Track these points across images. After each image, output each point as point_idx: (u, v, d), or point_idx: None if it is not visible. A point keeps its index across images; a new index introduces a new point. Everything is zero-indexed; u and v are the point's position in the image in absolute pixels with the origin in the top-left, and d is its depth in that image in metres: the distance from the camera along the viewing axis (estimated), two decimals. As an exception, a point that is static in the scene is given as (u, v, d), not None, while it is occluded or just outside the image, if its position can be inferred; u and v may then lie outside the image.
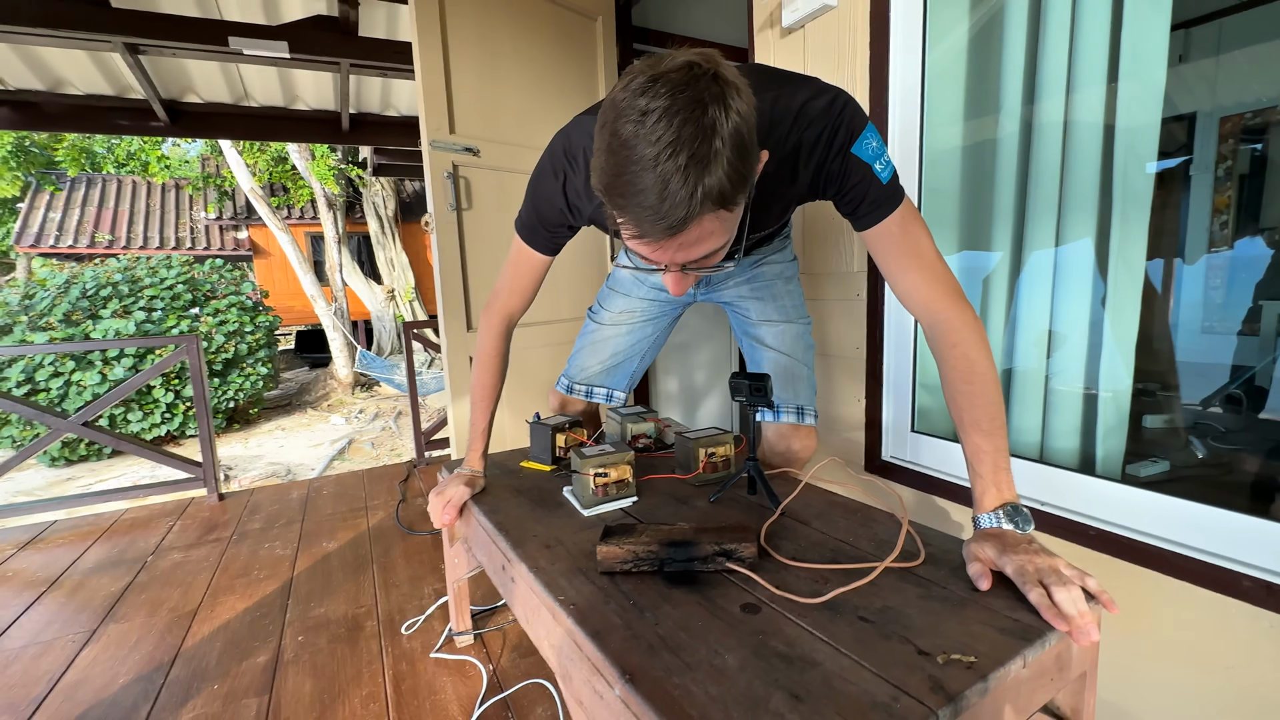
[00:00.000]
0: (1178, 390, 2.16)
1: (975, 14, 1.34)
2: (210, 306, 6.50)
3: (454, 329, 2.02)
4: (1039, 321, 1.27)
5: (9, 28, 2.29)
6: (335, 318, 8.61)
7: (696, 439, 1.22)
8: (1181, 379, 2.51)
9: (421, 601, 1.68)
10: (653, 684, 0.63)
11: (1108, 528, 1.05)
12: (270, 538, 2.21)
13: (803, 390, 1.25)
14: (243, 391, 6.62)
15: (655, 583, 0.83)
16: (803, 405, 1.25)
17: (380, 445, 6.32)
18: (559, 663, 0.80)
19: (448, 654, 1.43)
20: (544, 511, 1.11)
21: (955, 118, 1.39)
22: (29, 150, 10.29)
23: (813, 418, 1.25)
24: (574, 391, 1.43)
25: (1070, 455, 1.22)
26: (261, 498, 2.67)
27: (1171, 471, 1.31)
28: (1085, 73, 1.14)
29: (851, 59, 1.44)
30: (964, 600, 0.75)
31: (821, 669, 0.63)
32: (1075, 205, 1.18)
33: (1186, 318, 2.63)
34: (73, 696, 1.33)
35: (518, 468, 1.37)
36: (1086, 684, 0.78)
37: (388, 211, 9.96)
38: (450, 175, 1.96)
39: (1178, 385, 2.47)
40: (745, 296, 1.27)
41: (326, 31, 2.74)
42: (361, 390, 8.76)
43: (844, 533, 0.97)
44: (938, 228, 1.41)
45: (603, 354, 1.39)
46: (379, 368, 7.74)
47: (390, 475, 2.93)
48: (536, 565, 0.90)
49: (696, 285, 1.27)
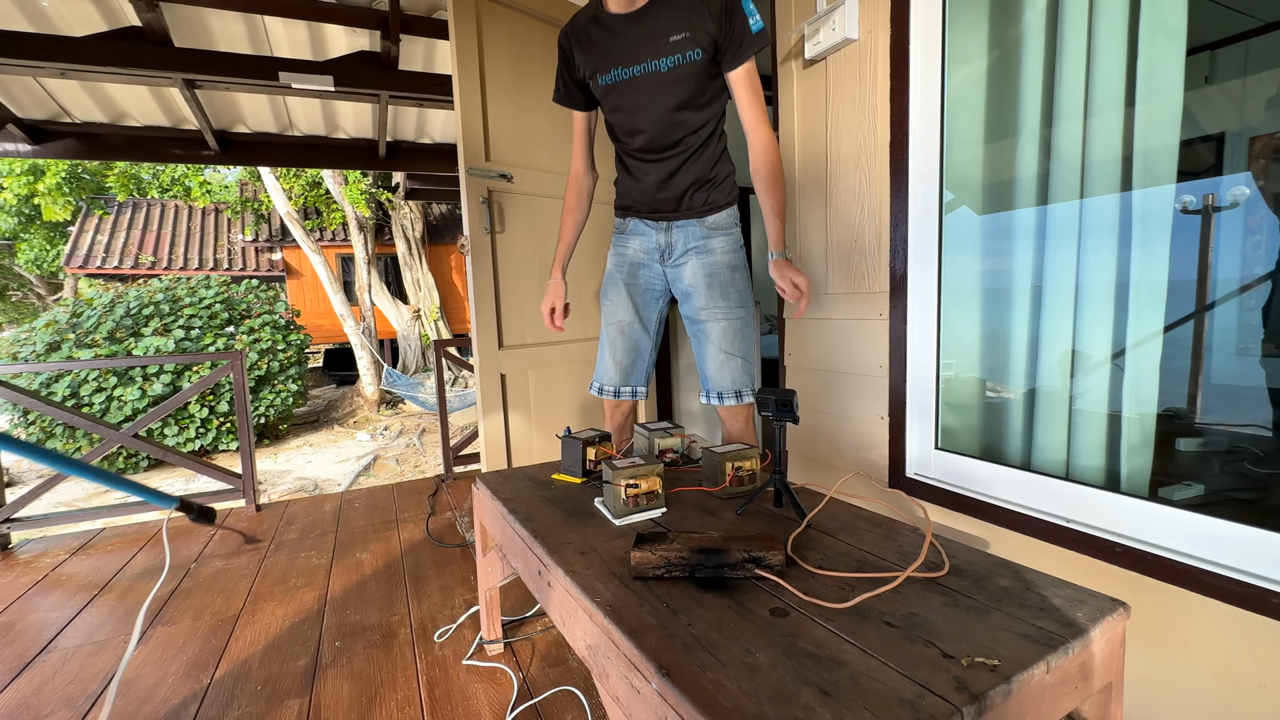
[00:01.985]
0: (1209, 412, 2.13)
1: (993, 43, 1.39)
2: (245, 325, 6.75)
3: (486, 346, 2.09)
4: (1062, 341, 1.29)
5: (80, 67, 2.48)
6: (363, 336, 8.84)
7: (724, 453, 1.26)
8: (1215, 401, 2.47)
9: (452, 611, 1.73)
10: (688, 678, 0.66)
11: (1135, 545, 1.06)
12: (306, 547, 2.28)
13: (740, 376, 1.46)
14: (274, 408, 6.82)
15: (687, 587, 0.87)
16: (740, 389, 1.46)
17: (404, 461, 6.43)
18: (595, 661, 0.84)
19: (479, 661, 1.47)
20: (577, 520, 1.15)
21: (975, 141, 1.44)
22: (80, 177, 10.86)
23: (750, 396, 1.47)
24: (604, 393, 1.57)
25: (1096, 472, 1.23)
26: (297, 509, 2.76)
27: (1206, 496, 1.31)
28: (1102, 97, 1.18)
29: (873, 89, 1.50)
30: (988, 608, 0.78)
31: (849, 668, 0.67)
32: (1095, 227, 1.21)
33: (1220, 339, 2.60)
34: (126, 694, 1.40)
35: (550, 480, 1.42)
36: (1113, 695, 0.79)
37: (415, 234, 10.25)
38: (485, 200, 2.05)
39: (1210, 407, 2.43)
40: (699, 284, 1.45)
41: (369, 65, 2.90)
42: (386, 408, 8.94)
43: (869, 544, 0.99)
44: (960, 244, 1.44)
45: (618, 353, 1.55)
46: (404, 386, 7.91)
47: (418, 489, 3.00)
48: (573, 570, 0.94)
49: (664, 256, 1.49)
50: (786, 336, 1.88)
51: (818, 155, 1.69)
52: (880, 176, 1.50)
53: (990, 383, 1.50)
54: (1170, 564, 1.01)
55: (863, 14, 1.50)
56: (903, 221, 1.45)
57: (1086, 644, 0.72)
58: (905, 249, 1.45)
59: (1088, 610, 0.76)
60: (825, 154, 1.66)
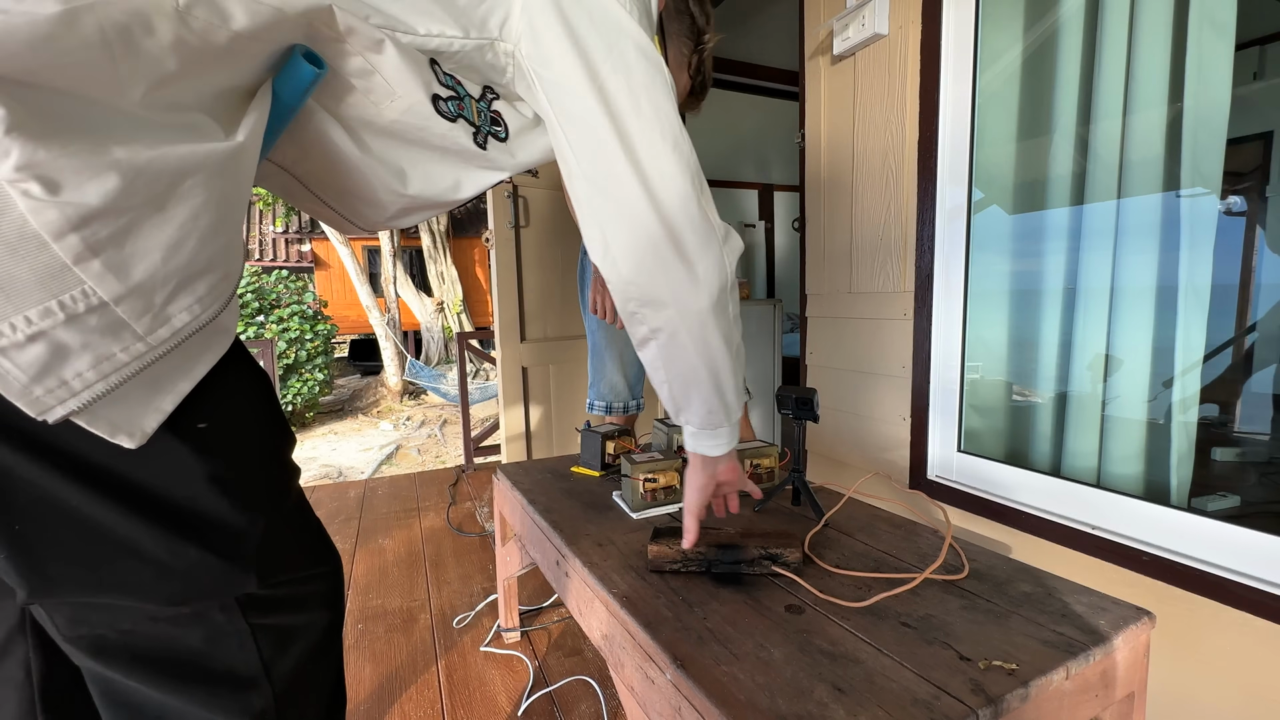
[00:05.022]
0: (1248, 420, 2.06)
1: (1028, 38, 1.36)
2: (275, 315, 6.91)
3: (508, 338, 2.12)
4: (1095, 345, 1.26)
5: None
6: (388, 328, 9.00)
7: (741, 450, 1.27)
8: (1255, 409, 2.39)
9: (471, 598, 1.76)
10: (702, 670, 0.67)
11: (1165, 554, 1.04)
12: (331, 531, 2.31)
13: None
14: (300, 396, 6.98)
15: (703, 582, 0.88)
16: None
17: (426, 452, 6.54)
18: (610, 651, 0.85)
19: (496, 648, 1.50)
20: (595, 513, 1.17)
21: (1007, 139, 1.41)
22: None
23: None
24: (613, 410, 1.57)
25: (1128, 480, 1.20)
26: (322, 494, 2.83)
27: (1242, 507, 1.28)
28: (1144, 93, 1.15)
29: (902, 85, 1.47)
30: (1007, 612, 0.77)
31: (864, 666, 0.67)
32: (1133, 228, 1.18)
33: (1263, 348, 2.51)
34: (160, 666, 1.46)
35: (568, 472, 1.44)
36: (1135, 705, 0.78)
37: (440, 227, 10.38)
38: (511, 195, 2.07)
39: (1248, 415, 2.35)
40: None
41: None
42: (409, 398, 9.09)
43: (887, 545, 0.99)
44: (989, 244, 1.42)
45: (627, 365, 1.56)
46: (427, 377, 8.03)
47: (440, 479, 3.05)
48: (590, 561, 0.96)
49: None
50: (808, 335, 1.87)
51: (844, 151, 1.67)
52: (908, 174, 1.48)
53: (1017, 386, 1.47)
54: (1200, 575, 0.98)
55: (893, 9, 1.47)
56: (930, 220, 1.43)
57: (1109, 652, 0.70)
58: (932, 248, 1.43)
59: (1111, 618, 0.75)
60: (852, 151, 1.65)
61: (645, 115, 0.55)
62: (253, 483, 0.50)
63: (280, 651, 0.52)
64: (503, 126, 0.60)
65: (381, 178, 0.57)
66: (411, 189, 0.59)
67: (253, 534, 0.49)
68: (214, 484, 0.46)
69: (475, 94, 0.57)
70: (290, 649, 0.53)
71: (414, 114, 0.53)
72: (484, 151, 0.59)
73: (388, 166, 0.57)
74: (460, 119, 0.56)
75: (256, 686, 0.50)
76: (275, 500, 0.53)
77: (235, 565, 0.48)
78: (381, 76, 0.50)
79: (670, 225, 0.58)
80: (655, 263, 0.59)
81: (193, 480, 0.45)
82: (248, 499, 0.49)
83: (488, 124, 0.59)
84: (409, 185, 0.58)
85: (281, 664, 0.52)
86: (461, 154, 0.59)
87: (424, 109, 0.53)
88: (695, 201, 0.58)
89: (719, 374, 0.67)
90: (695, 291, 0.61)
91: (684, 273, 0.60)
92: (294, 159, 0.55)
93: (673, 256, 0.59)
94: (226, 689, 0.49)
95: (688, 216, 0.58)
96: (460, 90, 0.55)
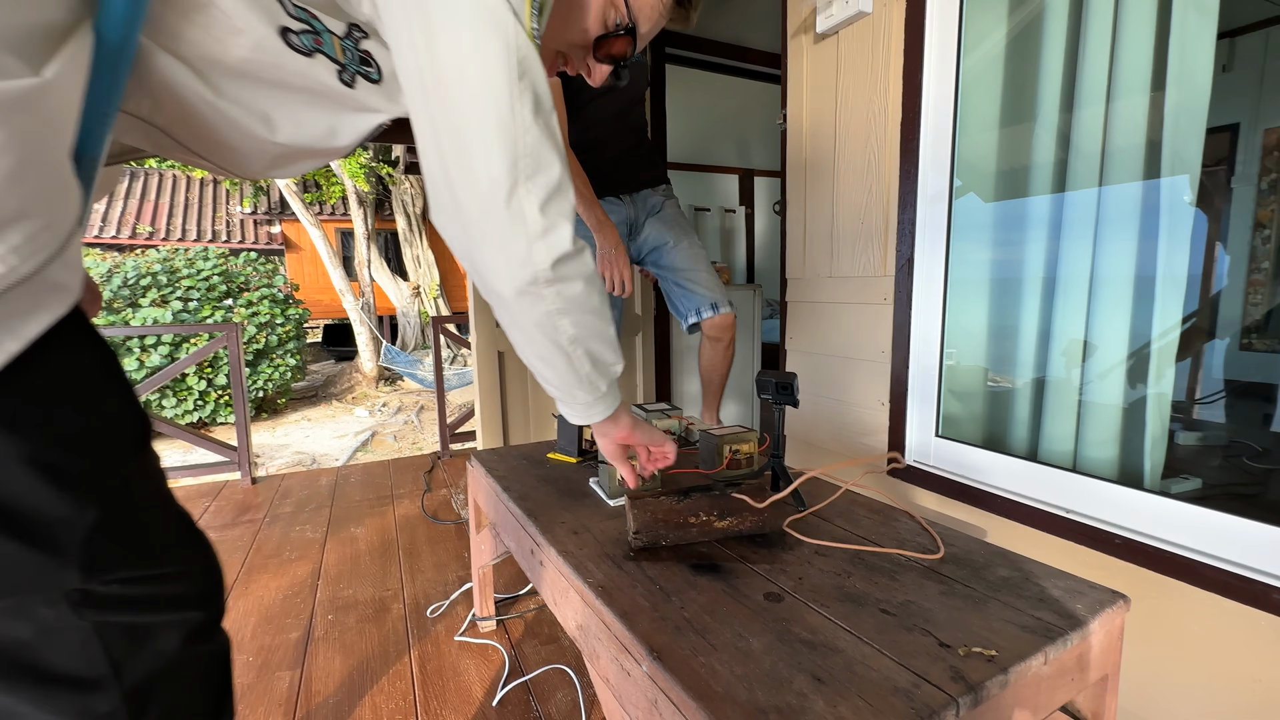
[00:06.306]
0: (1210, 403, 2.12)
1: (1013, 20, 1.34)
2: (244, 298, 6.69)
3: (483, 323, 2.07)
4: (1072, 331, 1.27)
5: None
6: (362, 312, 8.80)
7: (721, 435, 1.25)
8: (1217, 394, 2.45)
9: (445, 587, 1.73)
10: (679, 662, 0.65)
11: (1136, 537, 1.05)
12: (301, 521, 2.28)
13: (717, 287, 1.71)
14: (272, 382, 6.80)
15: (681, 570, 0.86)
16: (727, 298, 1.72)
17: (402, 438, 6.44)
18: (586, 642, 0.83)
19: (471, 638, 1.47)
20: (571, 500, 1.14)
21: (990, 124, 1.40)
22: (77, 144, 10.73)
23: (729, 305, 1.73)
24: None
25: (1100, 464, 1.21)
26: (292, 483, 2.76)
27: (1203, 489, 1.30)
28: (1128, 79, 1.14)
29: (885, 65, 1.45)
30: (985, 597, 0.76)
31: (844, 655, 0.65)
32: (1112, 214, 1.18)
33: (1224, 334, 2.57)
34: (117, 661, 1.40)
35: (544, 458, 1.41)
36: (1108, 688, 0.78)
37: (416, 209, 10.14)
38: (484, 174, 2.01)
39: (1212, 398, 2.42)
40: (662, 232, 1.72)
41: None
42: (385, 384, 8.93)
43: (866, 530, 0.98)
44: (966, 231, 1.41)
45: None
46: (403, 362, 7.89)
47: (414, 466, 2.99)
48: (565, 549, 0.93)
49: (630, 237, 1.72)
50: (788, 319, 1.85)
51: (826, 134, 1.65)
52: (890, 157, 1.46)
53: (995, 372, 1.48)
54: (1171, 557, 0.99)
55: (878, -14, 1.44)
56: (911, 205, 1.42)
57: (1085, 636, 0.70)
58: (913, 233, 1.42)
59: (1087, 602, 0.75)
60: (834, 132, 1.62)
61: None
62: (85, 470, 0.45)
63: (133, 653, 0.48)
64: (374, 67, 0.56)
65: (246, 125, 0.53)
66: (280, 136, 0.55)
67: (79, 525, 0.44)
68: (30, 467, 0.41)
69: (339, 31, 0.53)
70: (145, 650, 0.49)
71: (263, 50, 0.49)
72: (353, 91, 0.56)
73: (250, 112, 0.53)
74: (319, 54, 0.52)
75: (101, 688, 0.46)
76: (117, 491, 0.47)
77: (52, 558, 0.43)
78: (219, 8, 0.46)
79: (455, 188, 0.55)
80: (450, 221, 0.58)
81: (2, 462, 0.40)
82: (77, 487, 0.44)
83: (355, 63, 0.55)
84: (277, 132, 0.54)
85: (134, 666, 0.48)
86: (329, 95, 0.55)
87: (273, 44, 0.49)
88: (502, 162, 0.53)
89: (549, 359, 0.67)
90: (494, 275, 0.59)
91: (471, 243, 0.58)
92: (150, 109, 0.50)
93: (458, 222, 0.57)
94: (63, 689, 0.45)
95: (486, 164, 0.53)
96: (316, 25, 0.51)
